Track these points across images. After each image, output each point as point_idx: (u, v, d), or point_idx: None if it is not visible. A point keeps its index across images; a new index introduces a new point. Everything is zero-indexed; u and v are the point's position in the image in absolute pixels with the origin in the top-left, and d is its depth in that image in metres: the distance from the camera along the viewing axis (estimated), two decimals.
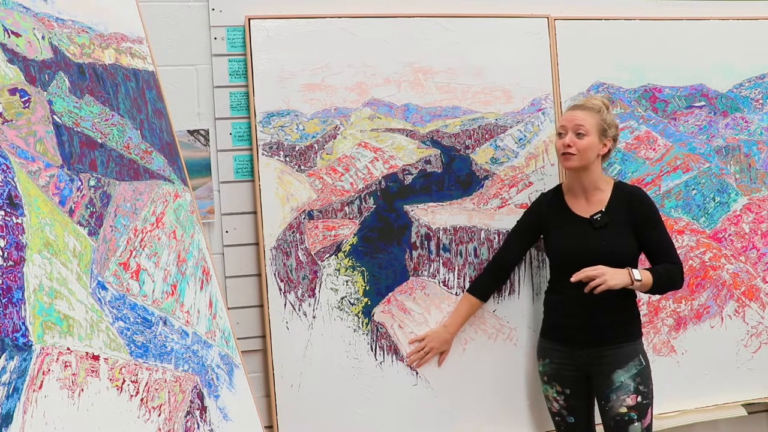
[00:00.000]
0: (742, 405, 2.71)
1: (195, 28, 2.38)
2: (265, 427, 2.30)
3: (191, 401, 1.65)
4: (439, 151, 2.50)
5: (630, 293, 2.25)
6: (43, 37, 1.56)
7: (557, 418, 2.37)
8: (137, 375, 1.51)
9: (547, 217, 2.36)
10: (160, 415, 1.54)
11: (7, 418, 1.20)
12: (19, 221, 1.33)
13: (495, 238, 2.51)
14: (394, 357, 2.44)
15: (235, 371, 1.89)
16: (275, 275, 2.37)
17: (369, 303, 2.43)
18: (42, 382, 1.28)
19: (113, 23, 1.85)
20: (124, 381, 1.47)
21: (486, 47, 2.53)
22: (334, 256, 2.41)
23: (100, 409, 1.39)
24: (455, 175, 2.51)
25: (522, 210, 2.49)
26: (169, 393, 1.59)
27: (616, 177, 2.57)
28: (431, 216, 2.48)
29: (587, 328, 2.23)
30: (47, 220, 1.40)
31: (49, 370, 1.30)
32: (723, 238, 2.71)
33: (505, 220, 2.50)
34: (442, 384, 2.47)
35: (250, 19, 2.37)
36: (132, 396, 1.48)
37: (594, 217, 2.27)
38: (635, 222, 2.25)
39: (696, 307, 2.68)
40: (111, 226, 1.59)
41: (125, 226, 1.64)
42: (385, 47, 2.46)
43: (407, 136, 2.48)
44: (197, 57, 2.38)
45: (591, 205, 2.30)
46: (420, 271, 2.47)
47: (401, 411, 2.44)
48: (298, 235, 2.39)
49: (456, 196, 2.51)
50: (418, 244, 2.47)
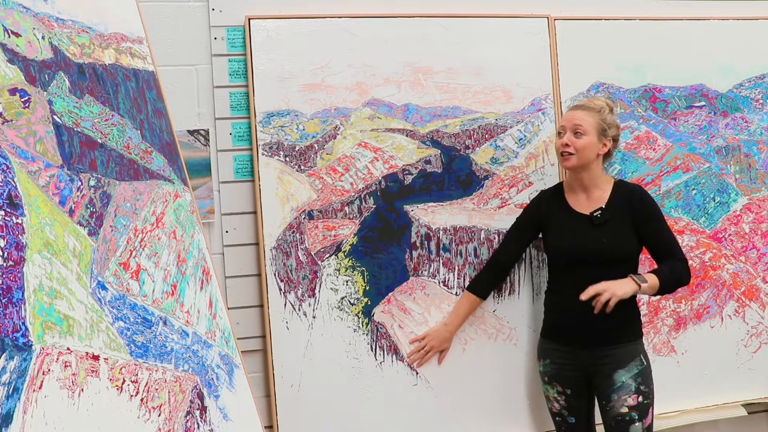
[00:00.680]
0: (742, 405, 2.71)
1: (195, 28, 2.38)
2: (265, 427, 2.30)
3: (191, 401, 1.65)
4: (439, 151, 2.50)
5: None
6: (43, 37, 1.56)
7: (558, 418, 2.37)
8: (137, 375, 1.51)
9: (547, 214, 2.36)
10: (160, 415, 1.54)
11: (7, 418, 1.20)
12: (19, 221, 1.33)
13: (495, 238, 2.51)
14: (394, 357, 2.44)
15: (235, 371, 1.89)
16: (275, 275, 2.37)
17: (369, 303, 2.43)
18: (42, 382, 1.28)
19: (113, 23, 1.85)
20: (124, 381, 1.47)
21: (486, 47, 2.53)
22: (334, 256, 2.41)
23: (100, 409, 1.39)
24: (455, 175, 2.51)
25: (522, 209, 2.49)
26: (169, 393, 1.59)
27: (616, 177, 2.57)
28: (431, 216, 2.48)
29: (588, 328, 2.23)
30: (47, 220, 1.40)
31: (49, 370, 1.30)
32: (723, 238, 2.71)
33: (505, 220, 2.50)
34: (442, 384, 2.47)
35: (250, 19, 2.37)
36: (132, 396, 1.48)
37: (594, 214, 2.27)
38: (636, 219, 2.25)
39: (696, 307, 2.68)
40: (111, 226, 1.59)
41: (125, 226, 1.64)
42: (385, 47, 2.46)
43: (407, 136, 2.48)
44: (197, 57, 2.38)
45: (591, 203, 2.30)
46: (420, 271, 2.47)
47: (401, 411, 2.44)
48: (298, 235, 2.39)
49: (456, 196, 2.51)
50: (418, 244, 2.47)
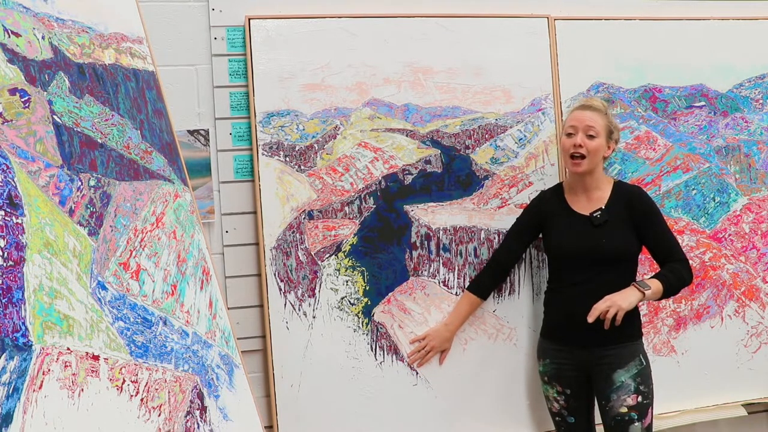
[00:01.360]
0: (742, 405, 2.71)
1: (195, 28, 2.38)
2: (265, 427, 2.30)
3: (191, 401, 1.65)
4: (439, 151, 2.50)
5: None
6: (43, 37, 1.56)
7: (557, 418, 2.37)
8: (137, 375, 1.51)
9: (547, 214, 2.36)
10: (160, 415, 1.54)
11: (7, 418, 1.20)
12: (19, 221, 1.33)
13: (495, 238, 2.51)
14: (394, 357, 2.44)
15: (235, 371, 1.89)
16: (275, 275, 2.37)
17: (369, 303, 2.43)
18: (42, 382, 1.28)
19: (113, 23, 1.85)
20: (124, 381, 1.47)
21: (486, 47, 2.53)
22: (334, 256, 2.41)
23: (100, 409, 1.39)
24: (455, 175, 2.51)
25: (522, 210, 2.49)
26: (169, 393, 1.59)
27: (616, 177, 2.57)
28: (431, 216, 2.48)
29: (587, 328, 2.22)
30: (47, 220, 1.40)
31: (49, 370, 1.30)
32: (723, 238, 2.71)
33: (505, 220, 2.50)
34: (442, 384, 2.47)
35: (250, 19, 2.37)
36: (132, 396, 1.48)
37: (594, 214, 2.27)
38: (635, 219, 2.25)
39: (696, 307, 2.68)
40: (111, 226, 1.59)
41: (125, 226, 1.64)
42: (385, 47, 2.46)
43: (407, 136, 2.48)
44: (197, 57, 2.38)
45: (591, 203, 2.30)
46: (420, 271, 2.47)
47: (401, 411, 2.43)
48: (298, 235, 2.39)
49: (456, 196, 2.51)
50: (418, 244, 2.47)
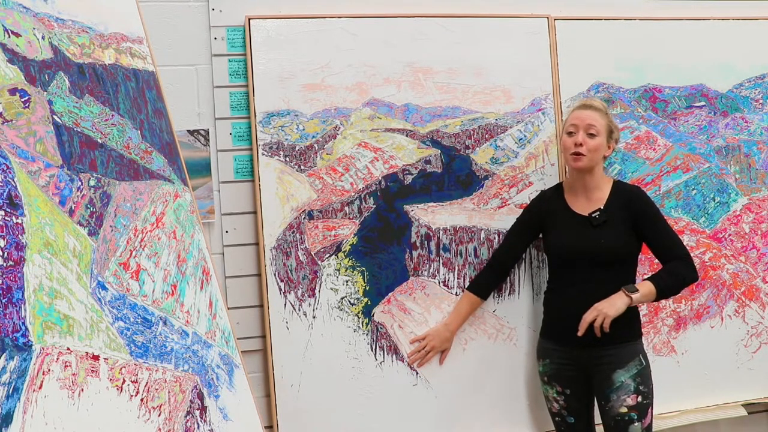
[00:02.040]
0: (742, 405, 2.71)
1: (195, 28, 2.38)
2: (265, 427, 2.30)
3: (191, 401, 1.65)
4: (439, 151, 2.50)
5: None
6: (43, 37, 1.56)
7: (557, 418, 2.37)
8: (137, 375, 1.51)
9: (547, 215, 2.37)
10: (160, 415, 1.54)
11: (7, 418, 1.20)
12: (19, 221, 1.33)
13: (495, 238, 2.51)
14: (394, 357, 2.44)
15: (235, 371, 1.89)
16: (275, 275, 2.37)
17: (369, 303, 2.43)
18: (42, 382, 1.28)
19: (113, 23, 1.85)
20: (124, 381, 1.47)
21: (486, 47, 2.53)
22: (334, 256, 2.41)
23: (100, 409, 1.39)
24: (455, 175, 2.51)
25: (522, 209, 2.49)
26: (169, 393, 1.59)
27: (616, 177, 2.58)
28: (431, 216, 2.48)
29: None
30: (47, 220, 1.40)
31: (49, 370, 1.30)
32: (723, 238, 2.71)
33: (505, 220, 2.50)
34: (442, 384, 2.47)
35: (250, 19, 2.37)
36: (132, 396, 1.48)
37: (593, 215, 2.27)
38: (634, 219, 2.25)
39: (696, 307, 2.68)
40: (111, 226, 1.59)
41: (125, 226, 1.64)
42: (385, 47, 2.46)
43: (407, 136, 2.48)
44: (197, 57, 2.38)
45: (590, 203, 2.30)
46: (420, 271, 2.47)
47: (401, 411, 2.43)
48: (298, 235, 2.39)
49: (456, 196, 2.51)
50: (418, 244, 2.47)
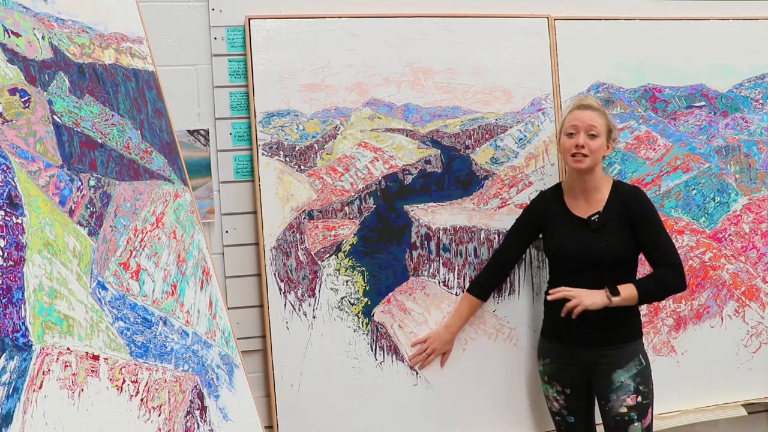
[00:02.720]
0: (742, 405, 2.71)
1: (195, 28, 2.38)
2: (265, 427, 2.30)
3: (191, 401, 1.65)
4: (439, 151, 2.50)
5: None
6: (43, 37, 1.56)
7: (557, 417, 2.37)
8: (137, 375, 1.51)
9: (546, 216, 2.36)
10: (160, 415, 1.54)
11: (7, 418, 1.20)
12: (19, 221, 1.33)
13: (495, 238, 2.51)
14: (394, 357, 2.44)
15: (235, 371, 1.89)
16: (275, 275, 2.37)
17: (369, 303, 2.43)
18: (42, 382, 1.28)
19: (113, 23, 1.85)
20: (124, 381, 1.47)
21: (486, 47, 2.53)
22: (334, 256, 2.41)
23: (100, 409, 1.38)
24: (455, 175, 2.51)
25: (522, 210, 2.49)
26: (169, 393, 1.59)
27: (615, 177, 2.58)
28: (431, 216, 2.48)
29: (587, 328, 2.23)
30: (47, 220, 1.40)
31: (49, 370, 1.30)
32: (723, 238, 2.71)
33: (505, 220, 2.50)
34: (442, 384, 2.47)
35: (250, 19, 2.37)
36: (132, 396, 1.48)
37: (592, 218, 2.26)
38: (631, 221, 2.25)
39: (696, 307, 2.68)
40: (111, 226, 1.59)
41: (125, 226, 1.64)
42: (385, 47, 2.46)
43: (407, 136, 2.48)
44: (197, 57, 2.38)
45: (590, 205, 2.30)
46: (420, 271, 2.47)
47: (401, 411, 2.44)
48: (298, 235, 2.39)
49: (456, 196, 2.51)
50: (418, 244, 2.47)
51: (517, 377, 2.53)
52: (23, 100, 1.44)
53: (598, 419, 2.33)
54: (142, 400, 1.50)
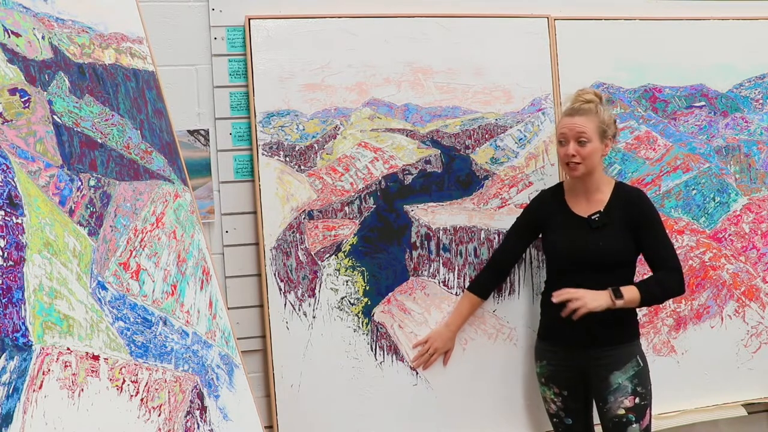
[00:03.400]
0: (742, 405, 2.71)
1: (195, 28, 2.38)
2: (265, 427, 2.30)
3: (191, 401, 1.65)
4: (439, 151, 2.50)
5: None
6: (43, 37, 1.56)
7: (555, 419, 2.37)
8: (137, 375, 1.51)
9: (546, 215, 2.36)
10: (160, 415, 1.54)
11: (7, 418, 1.20)
12: (19, 221, 1.33)
13: (495, 238, 2.51)
14: (394, 357, 2.44)
15: (235, 371, 1.89)
16: (275, 275, 2.37)
17: (369, 303, 2.43)
18: (42, 382, 1.28)
19: (113, 23, 1.85)
20: (124, 381, 1.47)
21: (486, 47, 2.53)
22: (334, 256, 2.41)
23: (100, 409, 1.39)
24: (455, 175, 2.51)
25: (522, 209, 2.49)
26: (169, 393, 1.59)
27: (615, 177, 2.58)
28: (431, 216, 2.48)
29: (584, 329, 2.22)
30: (47, 220, 1.40)
31: (49, 370, 1.30)
32: (723, 238, 2.71)
33: (505, 220, 2.50)
34: (442, 384, 2.47)
35: (250, 19, 2.37)
36: (132, 396, 1.48)
37: (592, 217, 2.26)
38: (633, 223, 2.24)
39: (696, 307, 2.68)
40: (111, 226, 1.59)
41: (125, 226, 1.64)
42: (385, 47, 2.46)
43: (407, 136, 2.48)
44: (197, 57, 2.38)
45: (591, 205, 2.29)
46: (420, 271, 2.47)
47: (401, 411, 2.44)
48: (298, 235, 2.39)
49: (456, 196, 2.51)
50: (418, 244, 2.47)
51: (517, 377, 2.53)
52: (23, 100, 1.44)
53: (596, 420, 2.33)
54: (142, 400, 1.50)
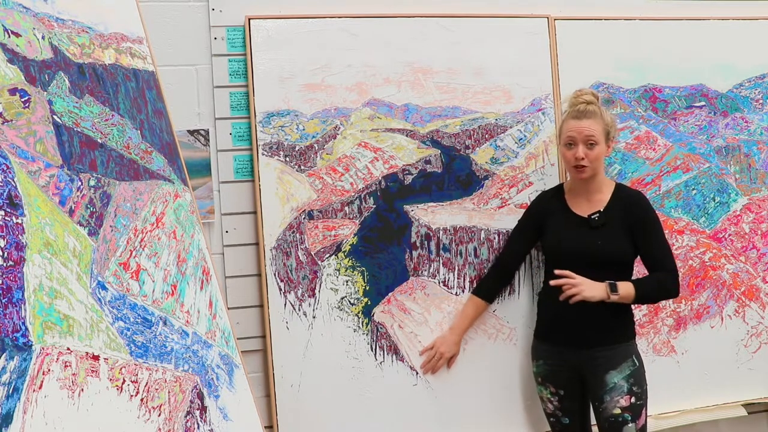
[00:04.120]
0: (742, 405, 2.71)
1: (195, 28, 2.38)
2: (265, 427, 2.30)
3: (191, 401, 1.65)
4: (439, 151, 2.50)
5: None
6: (43, 37, 1.56)
7: (552, 419, 2.37)
8: (137, 375, 1.51)
9: (546, 215, 2.36)
10: (160, 415, 1.54)
11: (7, 418, 1.20)
12: (19, 221, 1.33)
13: (495, 238, 2.51)
14: (394, 357, 2.44)
15: (235, 371, 1.89)
16: (275, 275, 2.37)
17: (369, 303, 2.43)
18: (42, 382, 1.28)
19: (113, 23, 1.85)
20: (124, 381, 1.47)
21: (486, 47, 2.53)
22: (334, 256, 2.41)
23: (100, 409, 1.39)
24: (455, 175, 2.51)
25: (522, 210, 2.49)
26: (169, 393, 1.59)
27: (615, 177, 2.58)
28: (431, 216, 2.48)
29: (580, 329, 2.23)
30: (47, 220, 1.40)
31: (49, 370, 1.30)
32: (723, 238, 2.71)
33: (505, 220, 2.50)
34: (441, 384, 2.47)
35: (250, 19, 2.37)
36: (132, 396, 1.48)
37: (592, 217, 2.26)
38: (632, 224, 2.24)
39: (696, 307, 2.68)
40: (111, 226, 1.59)
41: (125, 226, 1.64)
42: (385, 47, 2.46)
43: (407, 136, 2.48)
44: (197, 57, 2.38)
45: (591, 205, 2.30)
46: (420, 271, 2.47)
47: (401, 411, 2.44)
48: (298, 235, 2.39)
49: (456, 196, 2.51)
50: (418, 244, 2.47)
51: (517, 377, 2.53)
52: (23, 100, 1.44)
53: (593, 420, 2.33)
54: (142, 400, 1.50)
